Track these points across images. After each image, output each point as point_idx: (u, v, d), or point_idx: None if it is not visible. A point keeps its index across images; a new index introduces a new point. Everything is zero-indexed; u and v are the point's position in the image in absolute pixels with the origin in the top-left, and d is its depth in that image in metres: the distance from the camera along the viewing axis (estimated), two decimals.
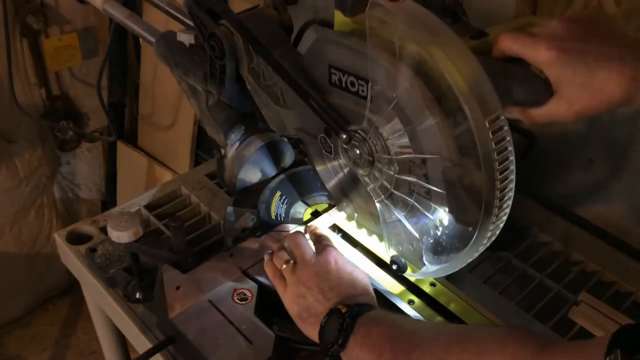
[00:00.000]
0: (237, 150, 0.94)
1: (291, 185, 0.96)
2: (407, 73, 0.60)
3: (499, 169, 0.59)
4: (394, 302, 0.81)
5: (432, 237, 0.70)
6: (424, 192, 0.66)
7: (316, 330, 0.70)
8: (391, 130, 0.65)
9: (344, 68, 0.67)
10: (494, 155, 0.59)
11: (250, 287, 0.81)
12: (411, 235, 0.72)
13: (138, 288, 0.88)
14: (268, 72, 0.80)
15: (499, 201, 0.62)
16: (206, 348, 0.74)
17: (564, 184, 1.09)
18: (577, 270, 0.95)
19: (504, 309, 0.87)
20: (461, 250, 0.68)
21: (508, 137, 0.59)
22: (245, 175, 0.94)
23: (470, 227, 0.64)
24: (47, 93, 1.88)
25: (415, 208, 0.68)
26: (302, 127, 0.79)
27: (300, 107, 0.75)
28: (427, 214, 0.67)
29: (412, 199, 0.68)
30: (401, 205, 0.70)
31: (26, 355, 2.05)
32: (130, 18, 1.02)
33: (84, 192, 2.18)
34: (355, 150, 0.71)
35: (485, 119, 0.57)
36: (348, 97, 0.69)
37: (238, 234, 0.89)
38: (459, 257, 0.69)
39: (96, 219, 1.02)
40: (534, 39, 0.61)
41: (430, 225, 0.69)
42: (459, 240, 0.67)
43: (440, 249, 0.70)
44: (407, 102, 0.62)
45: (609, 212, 1.01)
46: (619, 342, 0.45)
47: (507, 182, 0.62)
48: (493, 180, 0.60)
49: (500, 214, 0.64)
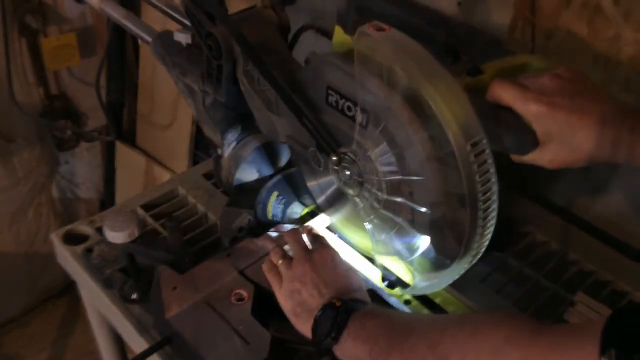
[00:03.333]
0: (233, 150, 0.94)
1: (288, 185, 0.95)
2: (395, 98, 0.61)
3: (482, 200, 0.61)
4: (391, 302, 0.81)
5: (421, 255, 0.70)
6: (409, 220, 0.68)
7: (309, 326, 0.70)
8: (379, 153, 0.66)
9: (342, 92, 0.68)
10: (476, 178, 0.60)
11: (247, 287, 0.81)
12: (400, 253, 0.72)
13: (135, 288, 0.88)
14: (262, 77, 0.80)
15: (480, 237, 0.65)
16: (203, 348, 0.74)
17: (560, 183, 1.09)
18: (574, 270, 0.95)
19: (500, 308, 0.87)
20: (449, 267, 0.69)
21: (489, 160, 0.61)
22: (242, 175, 0.94)
23: (448, 259, 0.66)
24: (45, 92, 1.88)
25: (403, 227, 0.69)
26: (294, 136, 0.79)
27: (292, 117, 0.75)
28: (415, 233, 0.68)
29: (400, 219, 0.69)
30: (390, 224, 0.71)
31: (24, 355, 2.04)
32: (127, 18, 1.02)
33: (83, 191, 2.18)
34: (345, 172, 0.72)
35: (467, 142, 0.59)
36: (342, 120, 0.69)
37: (235, 234, 0.89)
38: (446, 274, 0.70)
39: (93, 219, 1.02)
40: (524, 93, 0.65)
41: (418, 244, 0.69)
42: (446, 258, 0.68)
43: (429, 266, 0.71)
44: (394, 126, 0.63)
45: (606, 211, 1.01)
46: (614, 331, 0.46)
47: (489, 215, 0.64)
48: (475, 219, 0.62)
49: (481, 246, 0.67)
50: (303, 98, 0.73)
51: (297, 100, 0.73)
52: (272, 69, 0.75)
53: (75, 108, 1.99)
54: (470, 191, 0.60)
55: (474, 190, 0.60)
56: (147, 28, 1.00)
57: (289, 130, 0.79)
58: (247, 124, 0.94)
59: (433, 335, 0.60)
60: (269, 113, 0.80)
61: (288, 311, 0.74)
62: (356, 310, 0.68)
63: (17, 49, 1.76)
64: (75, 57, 1.86)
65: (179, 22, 0.97)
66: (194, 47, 0.91)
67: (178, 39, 0.91)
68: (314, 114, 0.72)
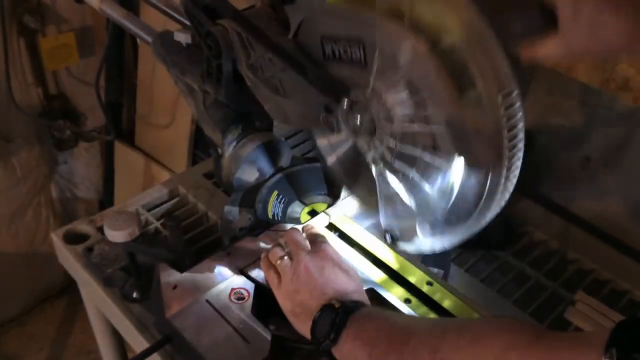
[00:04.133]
0: (234, 150, 0.94)
1: (288, 184, 0.96)
2: (414, 41, 0.57)
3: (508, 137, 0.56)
4: (390, 301, 0.81)
5: (431, 211, 0.67)
6: (430, 146, 0.62)
7: (308, 326, 0.70)
8: (396, 98, 0.63)
9: (336, 36, 0.66)
10: (504, 130, 0.55)
11: (247, 286, 0.81)
12: (408, 209, 0.70)
13: (135, 287, 0.88)
14: (265, 64, 0.79)
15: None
16: (203, 347, 0.74)
17: (560, 182, 1.09)
18: (573, 269, 0.95)
19: (500, 307, 0.87)
20: (463, 221, 0.65)
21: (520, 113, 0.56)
22: (243, 175, 0.94)
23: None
24: (44, 92, 1.88)
25: (414, 181, 0.66)
26: (305, 113, 0.77)
27: (299, 92, 0.73)
28: (427, 184, 0.65)
29: (414, 169, 0.65)
30: (400, 177, 0.68)
31: (24, 355, 2.05)
32: (127, 18, 1.02)
33: (82, 191, 2.18)
34: (357, 118, 0.68)
35: (499, 93, 0.54)
36: (344, 67, 0.67)
37: (235, 233, 0.89)
38: (457, 230, 0.67)
39: (93, 218, 1.02)
40: None
41: (429, 199, 0.67)
42: (459, 212, 0.65)
43: (440, 222, 0.68)
44: (413, 69, 0.59)
45: (605, 210, 1.01)
46: (617, 339, 0.45)
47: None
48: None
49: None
50: (303, 57, 0.71)
51: (297, 55, 0.71)
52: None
53: (74, 108, 1.99)
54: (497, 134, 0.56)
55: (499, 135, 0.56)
56: (146, 28, 1.00)
57: (299, 107, 0.77)
58: (247, 123, 0.94)
59: (433, 340, 0.59)
60: (277, 97, 0.78)
61: (287, 311, 0.74)
62: (355, 311, 0.67)
63: (15, 49, 1.76)
64: (74, 57, 1.86)
65: (179, 21, 0.97)
66: (194, 46, 0.91)
67: (178, 39, 0.91)
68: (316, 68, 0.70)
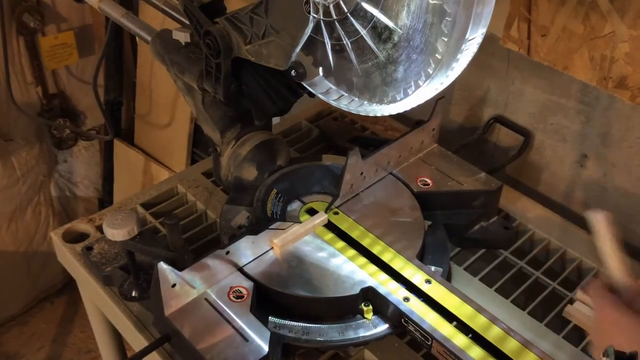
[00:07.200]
0: (232, 149, 0.94)
1: (287, 183, 0.96)
2: None
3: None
4: (390, 301, 0.81)
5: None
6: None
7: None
8: None
9: None
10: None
11: (246, 284, 0.81)
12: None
13: (134, 286, 0.88)
14: (255, 24, 0.78)
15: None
16: (202, 346, 0.74)
17: (558, 180, 1.09)
18: (573, 268, 0.95)
19: (499, 306, 0.87)
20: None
21: None
22: (241, 173, 0.94)
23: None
24: (43, 91, 1.88)
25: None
26: (291, 25, 0.75)
27: (284, 15, 0.73)
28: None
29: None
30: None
31: (23, 353, 2.05)
32: (126, 17, 1.02)
33: (81, 190, 2.18)
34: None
35: None
36: None
37: (234, 231, 0.89)
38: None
39: (92, 217, 1.02)
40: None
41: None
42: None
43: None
44: None
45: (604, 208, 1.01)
46: None
47: None
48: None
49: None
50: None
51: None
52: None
53: (73, 107, 1.99)
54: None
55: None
56: (146, 27, 1.00)
57: (288, 28, 0.75)
58: (246, 122, 0.94)
59: None
60: (274, 39, 0.76)
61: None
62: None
63: (15, 48, 1.76)
64: (74, 56, 1.86)
65: (178, 20, 0.97)
66: (192, 45, 0.91)
67: (177, 38, 0.92)
68: None
